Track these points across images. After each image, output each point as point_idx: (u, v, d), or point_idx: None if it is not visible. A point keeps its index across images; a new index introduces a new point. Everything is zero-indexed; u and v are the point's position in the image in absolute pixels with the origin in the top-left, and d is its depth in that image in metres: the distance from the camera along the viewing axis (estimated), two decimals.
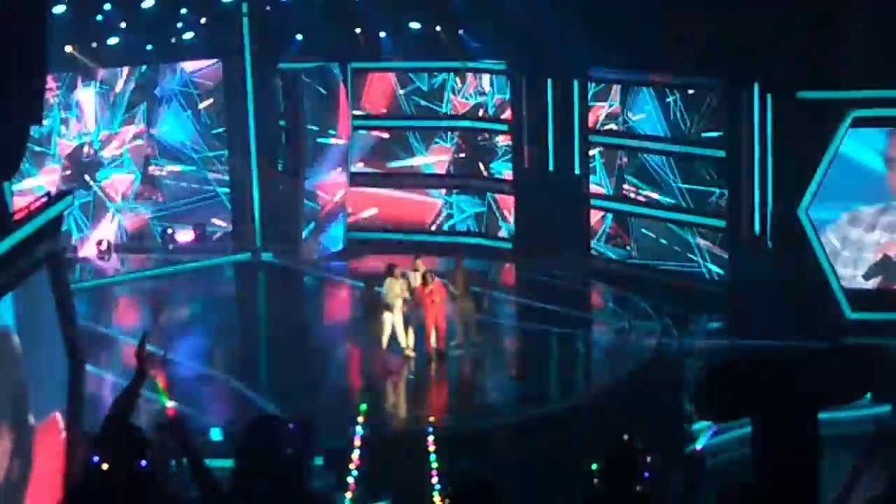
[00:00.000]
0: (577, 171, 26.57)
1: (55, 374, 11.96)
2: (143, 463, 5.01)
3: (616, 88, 26.17)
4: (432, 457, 10.66)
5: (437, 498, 8.68)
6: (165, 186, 29.00)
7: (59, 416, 11.17)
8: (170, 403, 6.06)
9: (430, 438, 11.77)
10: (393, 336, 20.63)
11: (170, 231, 28.64)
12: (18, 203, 13.11)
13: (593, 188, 26.63)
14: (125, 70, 28.27)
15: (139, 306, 26.32)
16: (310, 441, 5.17)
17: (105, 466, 4.97)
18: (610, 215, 26.56)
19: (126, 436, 5.17)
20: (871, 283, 23.01)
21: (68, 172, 28.23)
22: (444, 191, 29.17)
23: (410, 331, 20.80)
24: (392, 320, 20.66)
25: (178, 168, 28.99)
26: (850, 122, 22.54)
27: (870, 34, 22.08)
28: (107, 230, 28.52)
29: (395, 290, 20.67)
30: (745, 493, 5.36)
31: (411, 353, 20.84)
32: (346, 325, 23.58)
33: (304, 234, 28.25)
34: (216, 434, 16.77)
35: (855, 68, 22.29)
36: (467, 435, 17.32)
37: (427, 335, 20.84)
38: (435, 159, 28.99)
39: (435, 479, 9.83)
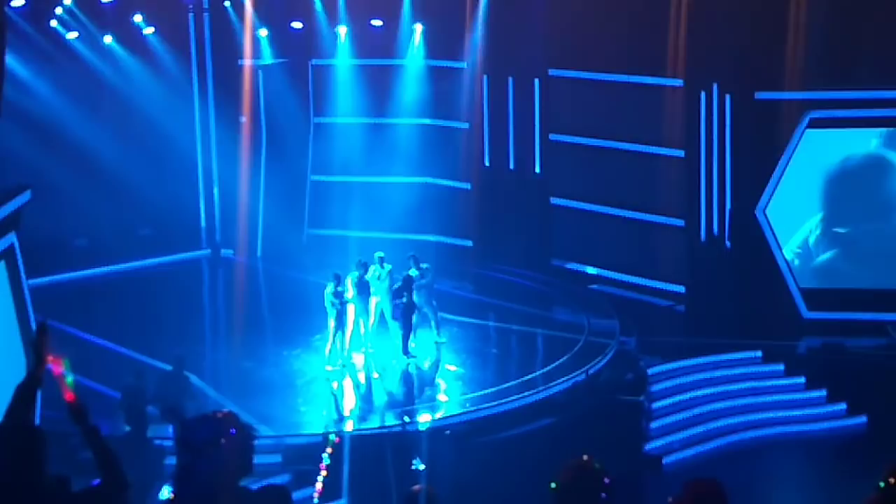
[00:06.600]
0: (537, 171, 26.61)
1: (11, 378, 11.84)
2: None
3: None
4: (345, 461, 10.69)
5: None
6: None
7: None
8: (69, 388, 6.09)
9: (338, 443, 11.75)
10: (353, 335, 20.61)
11: None
12: None
13: None
14: None
15: (101, 303, 26.08)
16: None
17: None
18: None
19: (19, 432, 5.36)
20: None
21: None
22: None
23: (369, 330, 20.81)
24: (355, 318, 20.59)
25: None
26: (807, 122, 22.75)
27: (826, 36, 22.29)
28: None
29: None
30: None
31: (370, 351, 20.82)
32: (305, 322, 23.43)
33: (262, 231, 28.16)
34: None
35: (812, 70, 22.49)
36: (421, 436, 17.41)
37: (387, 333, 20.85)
38: None
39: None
